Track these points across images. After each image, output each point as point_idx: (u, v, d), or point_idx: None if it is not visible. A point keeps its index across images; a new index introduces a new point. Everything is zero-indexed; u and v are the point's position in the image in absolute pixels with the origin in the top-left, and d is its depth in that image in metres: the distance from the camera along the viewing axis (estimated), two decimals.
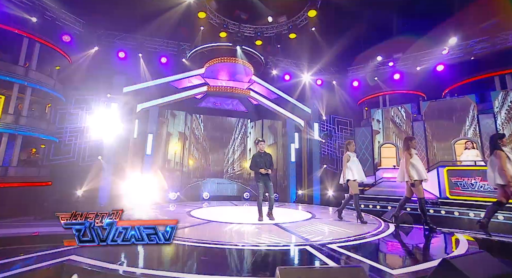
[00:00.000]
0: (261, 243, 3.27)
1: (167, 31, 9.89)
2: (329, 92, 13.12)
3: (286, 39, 10.24)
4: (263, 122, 12.58)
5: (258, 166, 5.11)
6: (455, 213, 6.03)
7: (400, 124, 10.55)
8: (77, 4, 8.37)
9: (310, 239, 3.50)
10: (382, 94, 12.33)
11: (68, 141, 10.19)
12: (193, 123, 11.95)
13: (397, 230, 4.48)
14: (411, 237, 4.18)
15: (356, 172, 5.12)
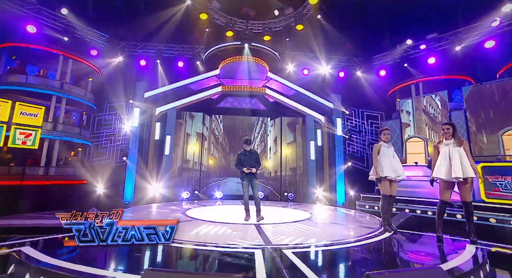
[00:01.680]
0: (213, 243, 3.15)
1: (180, 36, 10.35)
2: (353, 84, 12.16)
3: (297, 32, 9.78)
4: (282, 120, 12.28)
5: (242, 165, 5.00)
6: (491, 220, 5.01)
7: (434, 115, 9.18)
8: (100, 21, 9.33)
9: (273, 241, 3.25)
10: (415, 81, 10.87)
11: (104, 144, 11.47)
12: (212, 123, 12.26)
13: (391, 237, 3.88)
14: (399, 246, 3.57)
15: (386, 166, 4.23)
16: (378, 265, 2.63)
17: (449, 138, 3.78)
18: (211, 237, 3.57)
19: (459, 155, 3.61)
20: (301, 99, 11.81)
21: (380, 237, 3.76)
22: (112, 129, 11.53)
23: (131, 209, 7.19)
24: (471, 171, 3.54)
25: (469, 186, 3.61)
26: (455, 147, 3.67)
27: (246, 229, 4.12)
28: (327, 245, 3.20)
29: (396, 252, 3.29)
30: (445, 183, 3.70)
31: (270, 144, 12.35)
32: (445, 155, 3.71)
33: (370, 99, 12.44)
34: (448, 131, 3.77)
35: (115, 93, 10.55)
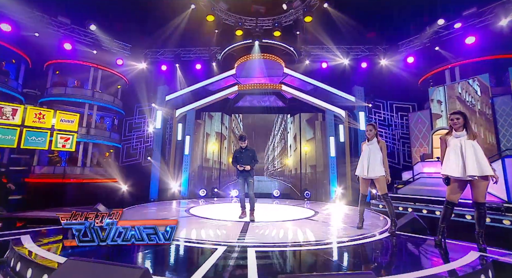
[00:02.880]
0: (186, 238, 3.22)
1: (195, 39, 10.73)
2: (378, 75, 11.24)
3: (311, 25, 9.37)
4: (301, 116, 11.98)
5: (237, 162, 4.99)
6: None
7: (472, 102, 8.02)
8: (123, 33, 10.17)
9: (248, 240, 3.20)
10: (450, 66, 9.58)
11: (135, 145, 12.51)
12: (232, 123, 12.48)
13: (379, 240, 3.51)
14: (380, 249, 3.21)
15: (359, 165, 4.21)
16: (333, 269, 2.42)
17: (459, 129, 3.28)
18: (192, 233, 3.66)
19: (474, 149, 3.11)
20: (320, 94, 11.35)
21: (367, 240, 3.44)
22: (142, 132, 12.51)
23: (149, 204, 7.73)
24: (489, 168, 3.03)
25: (484, 184, 3.09)
26: (468, 140, 3.17)
27: (233, 226, 4.13)
28: (296, 246, 3.04)
29: (368, 256, 2.97)
30: (457, 181, 3.23)
31: (290, 141, 12.13)
32: (455, 148, 3.23)
33: (399, 90, 11.41)
34: (458, 121, 3.27)
35: (142, 98, 11.41)
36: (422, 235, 3.69)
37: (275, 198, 10.13)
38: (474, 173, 3.04)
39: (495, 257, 2.82)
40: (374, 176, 3.98)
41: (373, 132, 4.17)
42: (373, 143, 4.14)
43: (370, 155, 4.06)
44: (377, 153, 4.03)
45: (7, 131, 7.87)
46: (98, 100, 9.82)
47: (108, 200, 8.89)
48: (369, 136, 4.21)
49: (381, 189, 4.00)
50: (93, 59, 9.82)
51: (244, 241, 3.18)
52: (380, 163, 3.99)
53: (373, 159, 4.02)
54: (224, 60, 11.43)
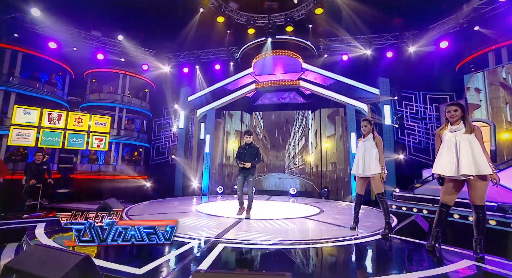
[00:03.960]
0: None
1: (214, 40, 11.07)
2: (406, 64, 10.32)
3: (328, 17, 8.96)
4: (321, 112, 11.59)
5: (239, 158, 5.03)
6: None
7: None
8: (147, 40, 10.97)
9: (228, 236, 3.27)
10: (495, 47, 8.26)
11: (163, 145, 13.45)
12: (253, 120, 12.62)
13: (369, 242, 3.27)
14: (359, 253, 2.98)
15: (355, 163, 4.01)
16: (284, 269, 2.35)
17: (456, 123, 2.90)
18: (180, 227, 3.88)
19: (470, 145, 2.73)
20: (341, 88, 10.84)
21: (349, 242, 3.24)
22: (169, 132, 13.38)
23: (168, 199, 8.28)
24: (486, 167, 2.64)
25: (482, 185, 2.70)
26: (464, 134, 2.80)
27: (223, 223, 4.24)
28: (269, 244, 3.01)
29: (336, 259, 2.79)
30: (451, 181, 2.88)
31: (311, 138, 11.83)
32: (449, 144, 2.87)
33: (433, 79, 10.31)
34: (455, 114, 2.88)
35: (168, 100, 12.22)
36: (419, 239, 3.35)
37: (292, 195, 10.01)
38: (468, 172, 2.66)
39: (489, 268, 2.45)
40: (370, 174, 3.73)
41: (369, 128, 3.90)
42: (368, 139, 3.87)
43: (366, 152, 3.81)
44: (372, 150, 3.76)
45: (54, 134, 9.13)
46: (127, 104, 10.79)
47: (136, 194, 9.81)
48: (364, 133, 3.94)
49: (376, 188, 3.74)
50: (121, 67, 10.80)
51: (220, 237, 3.26)
52: (376, 160, 3.71)
53: (369, 157, 3.76)
54: (242, 59, 11.57)
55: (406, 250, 3.10)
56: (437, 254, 2.86)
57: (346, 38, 10.37)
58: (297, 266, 2.46)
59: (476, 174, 2.65)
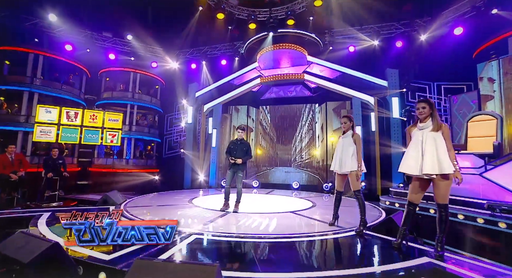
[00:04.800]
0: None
1: (219, 36, 11.21)
2: (419, 53, 9.81)
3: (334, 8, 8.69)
4: (327, 105, 11.43)
5: (230, 154, 5.18)
6: None
7: None
8: (156, 38, 11.31)
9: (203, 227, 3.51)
10: None
11: (175, 139, 14.01)
12: (259, 115, 12.73)
13: (340, 238, 3.34)
14: (323, 248, 3.05)
15: (333, 159, 4.02)
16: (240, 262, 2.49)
17: (425, 120, 2.86)
18: (152, 216, 4.22)
19: (435, 143, 2.70)
20: (348, 81, 10.56)
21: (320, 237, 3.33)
22: (181, 127, 13.89)
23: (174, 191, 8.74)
24: (448, 166, 2.61)
25: (445, 184, 2.67)
26: (431, 132, 2.76)
27: (207, 215, 4.49)
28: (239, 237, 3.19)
29: (300, 253, 2.88)
30: (418, 179, 2.87)
31: (318, 132, 11.75)
32: (416, 142, 2.85)
33: (447, 69, 9.70)
34: (424, 111, 2.85)
35: (178, 95, 12.67)
36: (392, 237, 3.36)
37: (294, 189, 10.09)
38: (430, 171, 2.63)
39: (443, 265, 2.45)
40: (345, 171, 3.76)
41: (348, 125, 3.89)
42: (347, 136, 3.88)
43: (343, 150, 3.83)
44: (349, 147, 3.77)
45: (72, 130, 9.90)
46: (137, 101, 11.36)
47: (146, 187, 10.41)
48: (344, 129, 3.95)
49: (353, 185, 3.76)
50: (132, 65, 11.33)
51: (195, 228, 3.51)
52: (352, 157, 3.72)
53: (345, 154, 3.78)
54: (247, 54, 11.61)
55: (373, 247, 3.15)
56: (402, 251, 2.88)
57: (352, 28, 10.03)
58: (252, 258, 2.62)
59: (439, 173, 2.62)
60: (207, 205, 5.59)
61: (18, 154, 6.63)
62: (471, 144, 5.97)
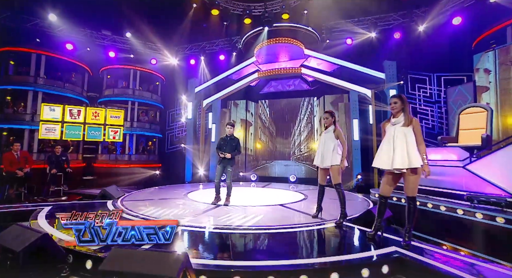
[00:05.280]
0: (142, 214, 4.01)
1: (217, 31, 11.26)
2: (417, 44, 9.70)
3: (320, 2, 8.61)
4: (325, 98, 11.45)
5: (220, 149, 5.37)
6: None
7: None
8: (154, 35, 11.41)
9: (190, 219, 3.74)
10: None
11: (177, 134, 14.29)
12: (259, 109, 12.84)
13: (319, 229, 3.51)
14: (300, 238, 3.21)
15: (316, 154, 4.16)
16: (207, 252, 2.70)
17: (397, 115, 2.96)
18: (153, 210, 4.45)
19: (405, 138, 2.82)
20: (345, 74, 10.52)
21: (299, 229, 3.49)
22: (182, 122, 14.15)
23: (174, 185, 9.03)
24: (416, 160, 2.73)
25: (413, 178, 2.79)
26: (402, 127, 2.87)
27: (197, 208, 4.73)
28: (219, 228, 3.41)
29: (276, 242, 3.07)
30: (390, 174, 3.00)
31: (316, 125, 11.81)
32: (389, 137, 2.96)
33: (447, 60, 9.59)
34: (395, 106, 2.96)
35: (178, 91, 12.87)
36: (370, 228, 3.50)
37: (291, 183, 10.25)
38: (400, 166, 2.75)
39: (408, 254, 2.59)
40: (327, 165, 3.89)
41: (330, 121, 4.00)
42: (329, 131, 3.99)
43: (325, 144, 3.95)
44: (330, 142, 3.89)
45: (75, 127, 10.24)
46: (138, 98, 11.61)
47: (148, 182, 10.76)
48: (326, 125, 4.06)
49: (334, 179, 3.90)
50: (131, 63, 11.53)
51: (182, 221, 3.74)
52: (333, 152, 3.84)
53: (326, 149, 3.90)
54: (245, 48, 11.64)
55: (348, 237, 3.30)
56: (375, 241, 3.01)
57: (349, 21, 9.93)
58: (228, 248, 2.82)
59: (408, 167, 2.73)
60: (201, 199, 5.82)
61: (23, 151, 6.98)
62: (462, 136, 5.98)
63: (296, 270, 2.24)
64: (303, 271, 2.23)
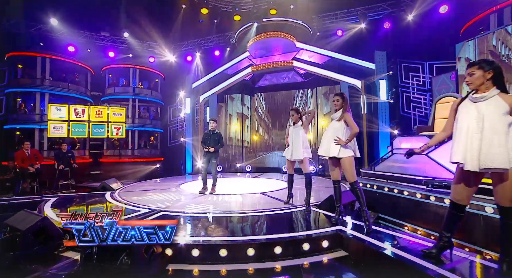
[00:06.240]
0: (133, 202, 4.59)
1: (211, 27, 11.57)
2: (408, 33, 9.78)
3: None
4: (317, 90, 11.71)
5: (204, 143, 5.84)
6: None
7: (509, 57, 6.37)
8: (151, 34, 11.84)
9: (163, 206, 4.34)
10: (497, 8, 7.39)
11: (178, 129, 14.89)
12: (255, 102, 13.22)
13: (283, 213, 3.98)
14: (263, 221, 3.70)
15: (287, 148, 4.49)
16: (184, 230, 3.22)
17: (338, 111, 3.36)
18: (143, 198, 5.06)
19: (333, 130, 3.26)
20: (336, 65, 10.72)
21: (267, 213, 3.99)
22: (182, 117, 14.71)
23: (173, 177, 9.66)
24: (333, 150, 3.16)
25: (345, 165, 3.18)
26: (336, 121, 3.29)
27: (188, 197, 5.27)
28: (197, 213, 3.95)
29: (241, 224, 3.57)
30: (330, 159, 3.40)
31: None
32: (328, 129, 3.40)
33: (435, 48, 9.66)
34: (337, 103, 3.36)
35: (177, 87, 13.37)
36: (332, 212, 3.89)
37: (284, 172, 10.69)
38: (323, 154, 3.23)
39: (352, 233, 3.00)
40: (297, 158, 4.22)
41: (296, 117, 4.31)
42: (297, 126, 4.31)
43: (294, 139, 4.29)
44: (298, 137, 4.20)
45: (81, 125, 10.95)
46: (138, 95, 12.18)
47: (150, 174, 11.46)
48: (293, 120, 4.40)
49: (304, 169, 4.27)
50: (130, 61, 12.04)
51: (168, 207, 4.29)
52: (301, 146, 4.14)
53: (295, 143, 4.20)
54: (239, 44, 11.92)
55: (306, 219, 3.75)
56: (336, 223, 3.39)
57: (338, 12, 10.03)
58: (201, 227, 3.32)
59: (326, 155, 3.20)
60: (191, 189, 6.36)
61: (33, 149, 7.68)
62: (437, 125, 6.27)
63: (246, 244, 2.74)
64: (251, 245, 2.72)
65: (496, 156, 1.84)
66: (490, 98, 1.99)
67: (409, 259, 2.24)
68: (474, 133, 1.97)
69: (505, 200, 1.91)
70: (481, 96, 2.02)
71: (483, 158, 1.90)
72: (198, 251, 2.66)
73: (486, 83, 2.03)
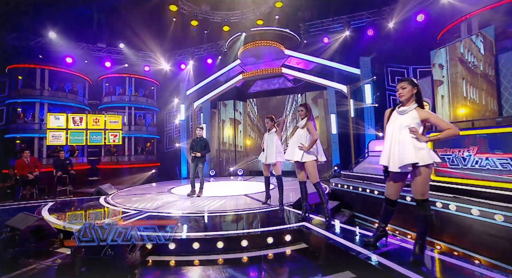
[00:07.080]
0: (123, 205, 4.96)
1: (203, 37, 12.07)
2: (390, 40, 10.22)
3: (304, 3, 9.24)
4: (306, 95, 12.17)
5: (192, 149, 6.24)
6: (437, 204, 4.25)
7: (475, 63, 6.81)
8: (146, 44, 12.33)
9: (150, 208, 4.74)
10: (465, 18, 7.86)
11: (175, 135, 15.31)
12: (247, 107, 13.66)
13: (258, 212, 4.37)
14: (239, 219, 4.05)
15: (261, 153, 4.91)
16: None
17: (302, 120, 3.78)
18: (131, 201, 5.44)
19: (298, 137, 3.68)
20: (323, 71, 11.17)
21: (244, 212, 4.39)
22: (178, 123, 15.14)
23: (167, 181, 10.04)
24: (297, 155, 3.57)
25: (308, 169, 3.57)
26: (301, 129, 3.71)
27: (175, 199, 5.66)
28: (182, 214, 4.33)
29: (218, 221, 3.94)
30: (295, 164, 3.80)
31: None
32: (294, 136, 3.81)
33: (416, 54, 10.09)
34: (301, 113, 3.78)
35: (172, 94, 13.83)
36: None
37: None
38: (288, 158, 3.65)
39: (310, 226, 3.40)
40: (271, 162, 4.65)
41: (270, 124, 4.74)
42: (271, 133, 4.76)
43: (268, 145, 4.70)
44: (272, 142, 4.63)
45: (78, 133, 11.38)
46: (134, 103, 12.64)
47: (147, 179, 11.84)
48: (268, 127, 4.82)
49: (275, 171, 4.71)
50: (126, 71, 12.52)
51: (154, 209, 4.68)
52: (274, 151, 4.57)
53: (270, 148, 4.64)
54: (230, 52, 12.40)
55: (277, 217, 4.13)
56: (304, 220, 3.76)
57: (324, 21, 10.51)
58: (184, 225, 3.71)
59: (290, 159, 3.63)
60: (181, 192, 6.75)
61: (32, 157, 8.09)
62: None
63: (217, 238, 3.13)
64: (220, 238, 3.11)
65: (407, 154, 2.26)
66: (410, 112, 2.41)
67: (352, 247, 2.63)
68: (395, 140, 2.39)
69: (416, 194, 2.32)
70: (403, 110, 2.44)
71: (401, 158, 2.31)
72: (174, 245, 3.05)
73: (412, 97, 2.46)
